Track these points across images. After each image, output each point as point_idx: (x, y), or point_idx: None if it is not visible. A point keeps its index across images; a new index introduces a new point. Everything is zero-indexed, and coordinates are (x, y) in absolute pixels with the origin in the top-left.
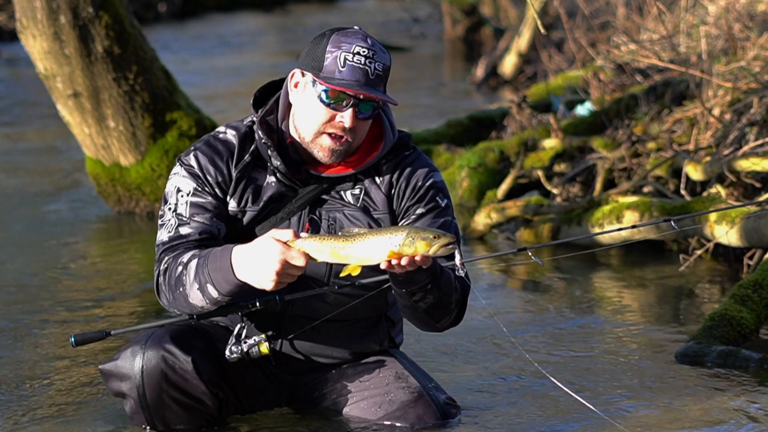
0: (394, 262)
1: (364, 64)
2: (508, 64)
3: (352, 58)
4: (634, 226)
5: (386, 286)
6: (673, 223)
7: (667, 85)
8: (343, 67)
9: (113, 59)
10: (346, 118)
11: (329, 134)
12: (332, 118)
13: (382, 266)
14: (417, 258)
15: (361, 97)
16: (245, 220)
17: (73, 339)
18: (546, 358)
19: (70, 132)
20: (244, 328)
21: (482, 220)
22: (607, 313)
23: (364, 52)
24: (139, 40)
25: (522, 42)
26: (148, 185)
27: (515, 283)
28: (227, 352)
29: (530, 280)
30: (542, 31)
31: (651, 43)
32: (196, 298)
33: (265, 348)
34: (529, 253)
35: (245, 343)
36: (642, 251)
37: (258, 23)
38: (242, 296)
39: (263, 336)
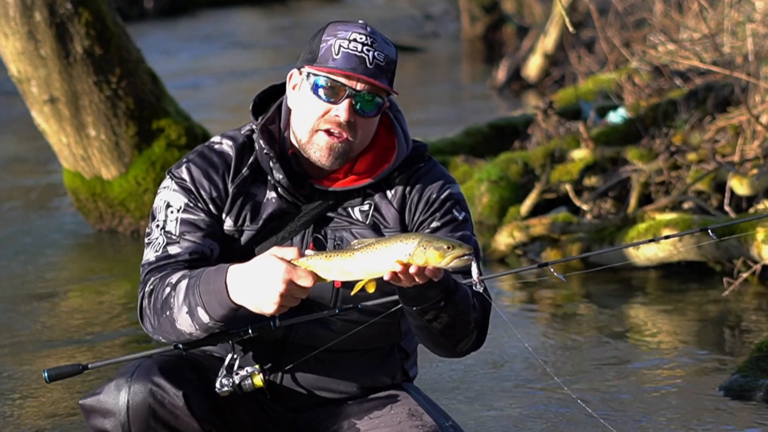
0: (399, 269)
1: (361, 51)
2: (533, 66)
3: (348, 45)
4: (667, 237)
5: (398, 307)
6: (710, 233)
7: (710, 89)
8: (337, 55)
9: (94, 61)
10: (341, 111)
11: (325, 131)
12: (327, 112)
13: (386, 277)
14: (427, 270)
15: (358, 87)
16: (243, 240)
17: (46, 374)
18: (576, 389)
19: (46, 142)
20: (236, 358)
21: (504, 239)
22: (644, 342)
23: (361, 38)
24: (122, 39)
25: (548, 42)
26: (133, 201)
27: (542, 309)
28: (217, 385)
29: (559, 305)
30: (571, 29)
31: (691, 42)
32: (184, 323)
33: (258, 380)
34: (551, 269)
35: (237, 374)
36: (681, 274)
37: (255, 21)
38: (235, 322)
39: (257, 367)
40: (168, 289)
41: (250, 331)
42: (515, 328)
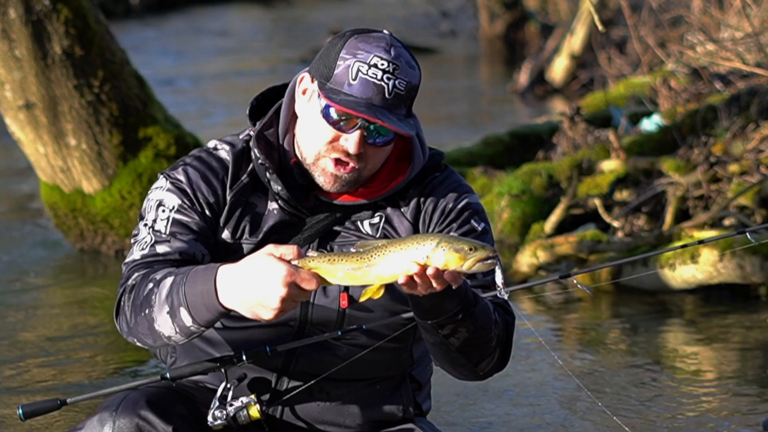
0: (416, 270)
1: (381, 79)
2: (558, 69)
3: (367, 71)
4: (701, 242)
5: (412, 325)
6: (749, 236)
7: (754, 94)
8: (354, 80)
9: (74, 62)
10: (351, 142)
11: (333, 158)
12: (335, 140)
13: (401, 281)
14: (446, 274)
15: (371, 126)
16: (241, 254)
17: (20, 411)
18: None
19: (21, 151)
20: (229, 388)
21: (527, 259)
22: (681, 371)
23: (383, 65)
24: (106, 39)
25: (575, 41)
26: (117, 217)
27: (568, 331)
28: (209, 418)
29: (587, 328)
30: (600, 28)
31: (733, 42)
32: (163, 324)
33: (255, 412)
34: (575, 281)
35: (231, 405)
36: (722, 297)
37: (253, 18)
38: (228, 348)
39: (253, 397)
40: (150, 285)
41: (244, 357)
42: (540, 353)
